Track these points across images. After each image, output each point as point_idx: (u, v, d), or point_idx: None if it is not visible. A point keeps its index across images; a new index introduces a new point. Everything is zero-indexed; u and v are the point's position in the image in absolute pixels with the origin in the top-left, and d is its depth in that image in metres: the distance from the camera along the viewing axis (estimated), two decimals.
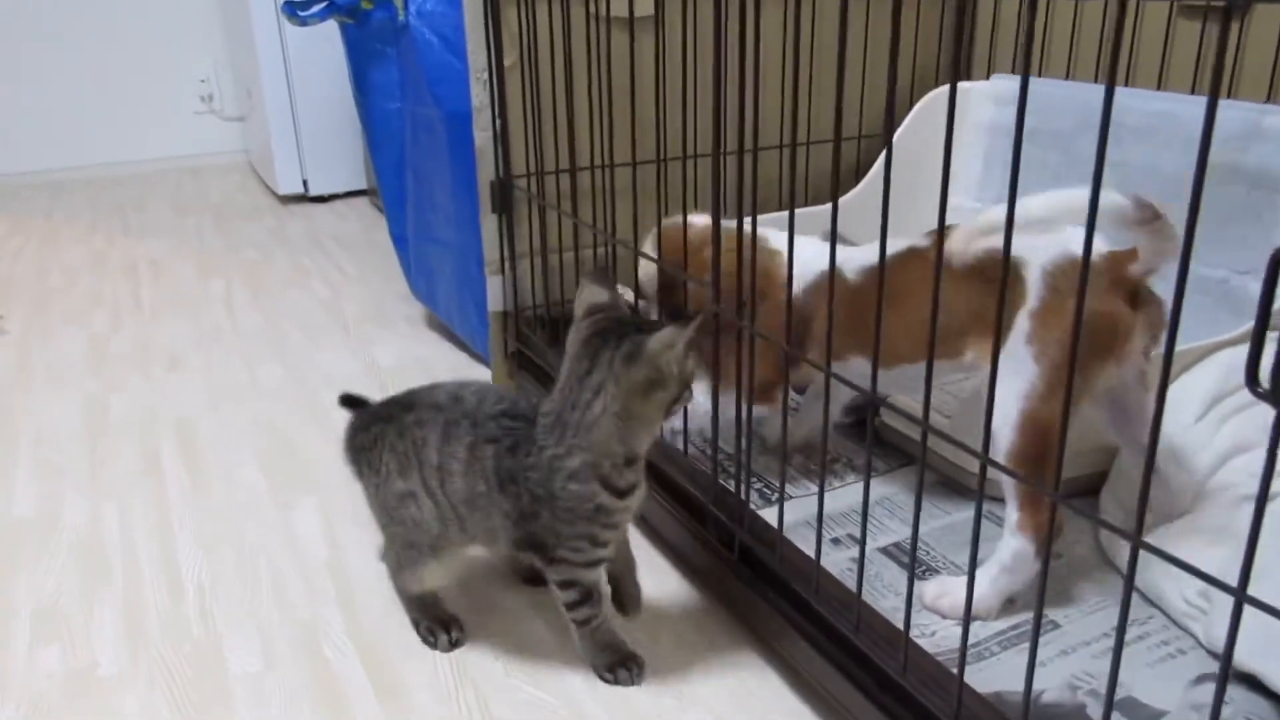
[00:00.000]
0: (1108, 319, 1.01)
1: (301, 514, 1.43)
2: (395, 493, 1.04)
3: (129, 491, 1.50)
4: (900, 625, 0.90)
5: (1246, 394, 1.24)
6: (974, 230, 1.06)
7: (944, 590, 1.10)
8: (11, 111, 3.69)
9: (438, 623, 1.14)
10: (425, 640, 1.14)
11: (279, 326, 2.18)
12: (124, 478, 1.54)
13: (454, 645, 1.13)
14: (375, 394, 1.75)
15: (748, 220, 1.04)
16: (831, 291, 0.96)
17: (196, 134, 3.93)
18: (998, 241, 1.05)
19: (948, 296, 1.04)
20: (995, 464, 0.77)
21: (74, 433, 1.70)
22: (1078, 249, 1.01)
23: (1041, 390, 1.02)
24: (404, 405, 1.06)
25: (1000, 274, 1.05)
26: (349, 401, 1.15)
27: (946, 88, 1.90)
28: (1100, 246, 1.01)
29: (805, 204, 1.95)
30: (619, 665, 1.07)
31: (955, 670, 0.83)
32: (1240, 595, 0.57)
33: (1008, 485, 1.05)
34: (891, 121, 0.80)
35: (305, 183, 3.29)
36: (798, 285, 1.16)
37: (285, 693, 1.08)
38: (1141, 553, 0.66)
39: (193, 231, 2.99)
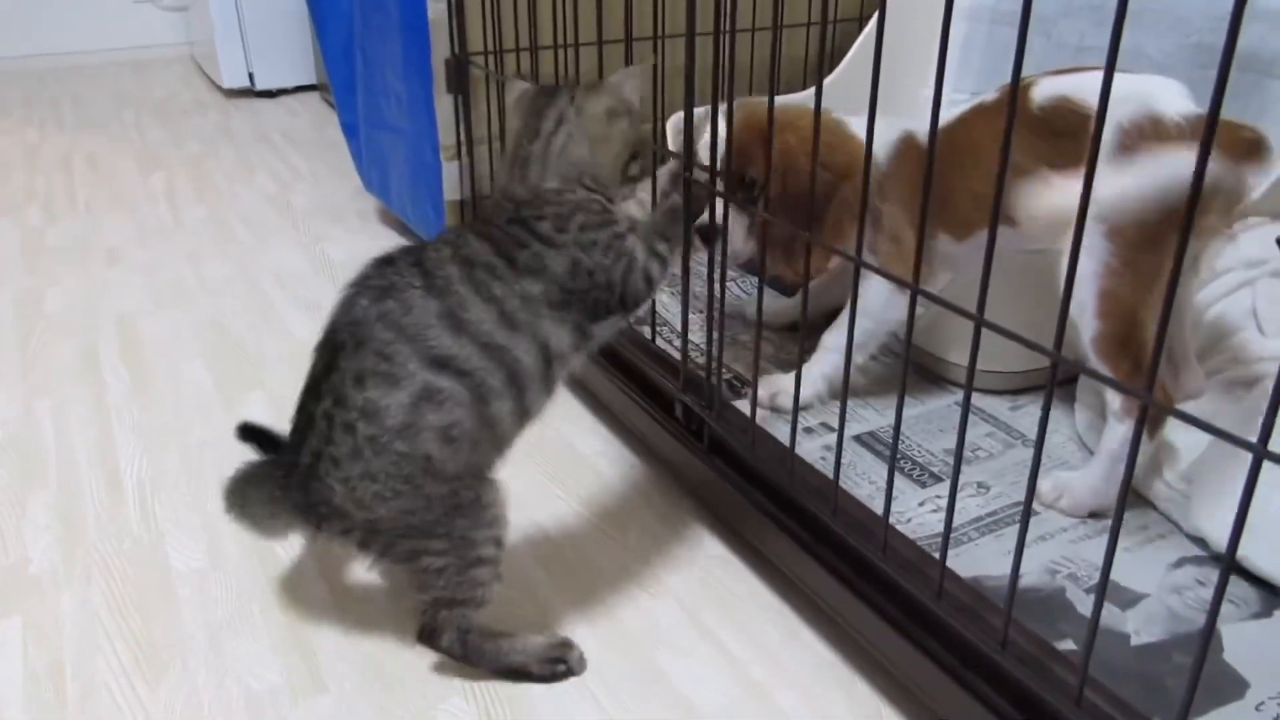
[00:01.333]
0: (1183, 189, 0.93)
1: (250, 410, 1.36)
2: (400, 403, 0.77)
3: (65, 389, 1.42)
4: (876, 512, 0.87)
5: (1230, 281, 1.21)
6: None
7: (1060, 489, 1.03)
8: None
9: (553, 645, 0.92)
10: (559, 673, 0.91)
11: (225, 222, 2.07)
12: (60, 374, 1.46)
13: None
14: (327, 290, 1.67)
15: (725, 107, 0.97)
16: (867, 177, 0.89)
17: (136, 25, 3.73)
18: (1066, 88, 0.98)
19: (1016, 155, 0.98)
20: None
21: (4, 328, 1.60)
22: (1161, 105, 0.93)
23: (1118, 268, 0.94)
24: (373, 289, 0.80)
25: (1072, 125, 0.97)
26: (251, 434, 0.95)
27: None
28: (1187, 108, 0.94)
29: (778, 91, 1.87)
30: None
31: (935, 555, 0.79)
32: (1262, 451, 0.52)
33: (1104, 367, 0.98)
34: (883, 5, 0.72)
35: (251, 76, 3.13)
36: (878, 157, 1.09)
37: (232, 590, 1.03)
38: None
39: (132, 126, 2.84)
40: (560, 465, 1.23)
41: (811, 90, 1.73)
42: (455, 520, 0.81)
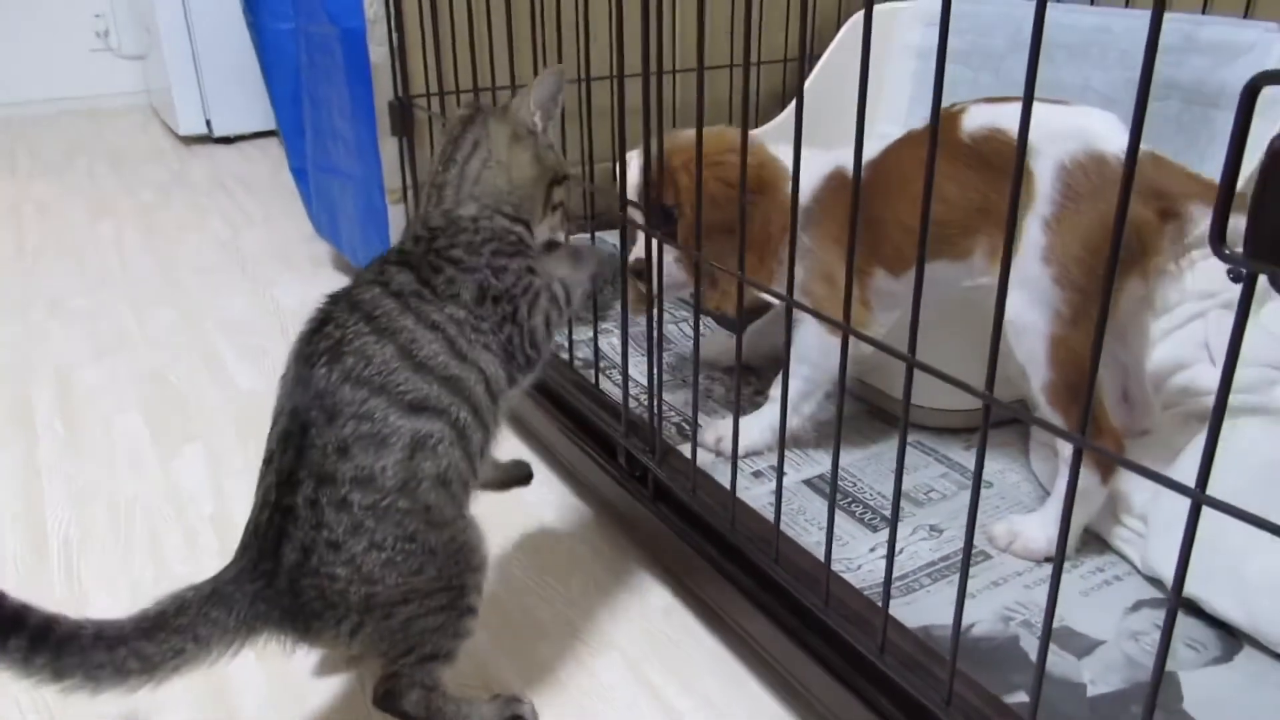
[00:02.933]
0: (1132, 228, 0.87)
1: (185, 464, 1.31)
2: (396, 461, 0.73)
3: None
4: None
5: (1182, 313, 1.19)
6: None
7: (1014, 533, 0.99)
8: None
9: (506, 703, 0.88)
10: None
11: (172, 269, 2.03)
12: None
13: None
14: (275, 337, 1.63)
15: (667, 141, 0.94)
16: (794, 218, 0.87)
17: (93, 73, 3.70)
18: (999, 118, 0.94)
19: (947, 186, 0.96)
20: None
21: None
22: (1104, 144, 0.89)
23: (1069, 316, 0.89)
24: (309, 398, 0.74)
25: (1007, 160, 0.92)
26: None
27: (878, 8, 1.82)
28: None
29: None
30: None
31: (881, 604, 0.76)
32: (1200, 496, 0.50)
33: (1051, 420, 0.93)
34: (804, 44, 0.69)
35: (209, 123, 3.10)
36: (804, 191, 1.02)
37: None
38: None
39: (84, 174, 2.80)
40: (503, 512, 1.18)
41: (767, 126, 1.73)
42: (452, 567, 0.77)
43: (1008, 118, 0.94)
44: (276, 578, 0.73)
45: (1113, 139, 0.91)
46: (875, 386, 1.25)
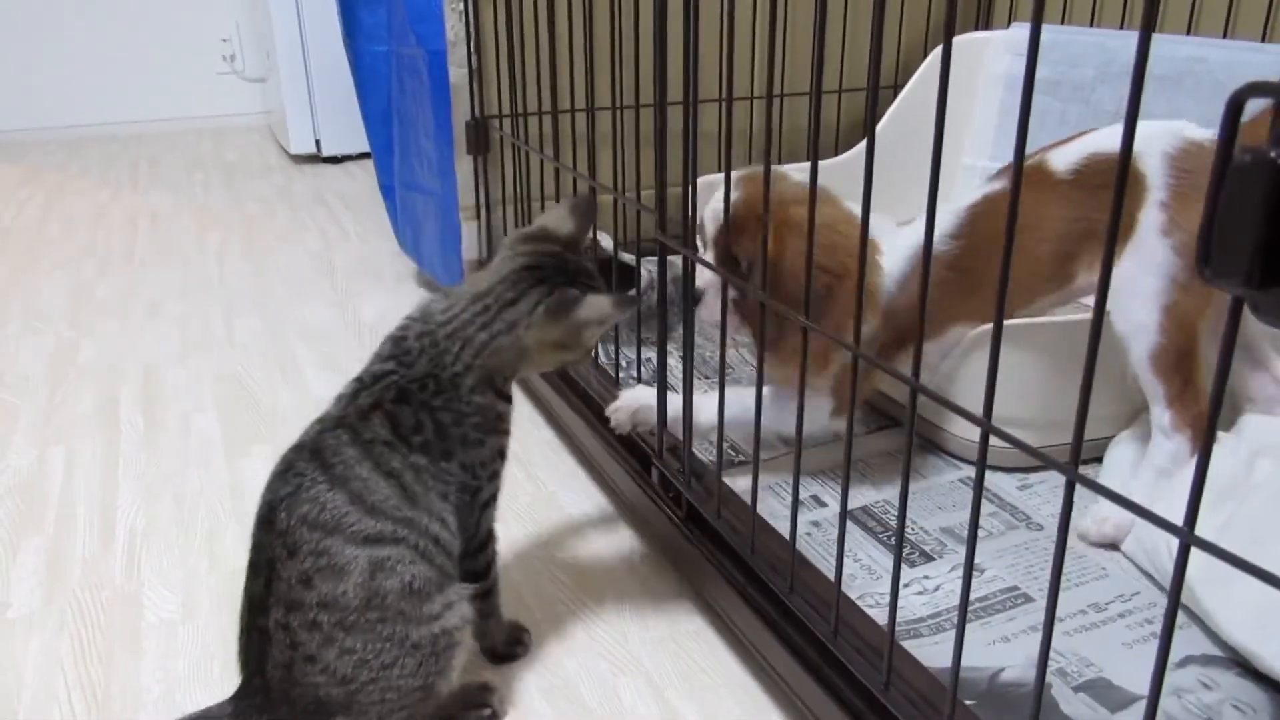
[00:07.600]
0: None
1: (251, 464, 1.36)
2: (356, 584, 0.76)
3: (80, 436, 1.44)
4: (853, 592, 0.81)
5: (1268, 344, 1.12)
6: None
7: (1103, 517, 1.02)
8: (37, 67, 3.68)
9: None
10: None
11: (265, 279, 2.12)
12: (78, 422, 1.49)
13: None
14: (351, 348, 1.68)
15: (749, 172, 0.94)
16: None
17: (219, 95, 3.90)
18: (1096, 144, 1.01)
19: (1048, 220, 1.01)
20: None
21: (37, 376, 1.65)
22: (1195, 133, 0.96)
23: (1184, 281, 0.93)
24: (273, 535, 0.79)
25: (1110, 177, 0.95)
26: None
27: (965, 36, 1.79)
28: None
29: (779, 161, 1.85)
30: (520, 637, 0.99)
31: (900, 641, 0.73)
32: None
33: (1151, 387, 0.98)
34: (874, 75, 0.67)
35: (318, 143, 3.23)
36: (892, 275, 1.05)
37: (199, 644, 1.02)
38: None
39: (199, 187, 2.95)
40: (549, 528, 1.19)
41: (840, 159, 1.71)
42: (432, 662, 0.80)
43: (1098, 143, 1.01)
44: (270, 692, 0.79)
45: (1198, 130, 0.97)
46: (928, 420, 1.21)
